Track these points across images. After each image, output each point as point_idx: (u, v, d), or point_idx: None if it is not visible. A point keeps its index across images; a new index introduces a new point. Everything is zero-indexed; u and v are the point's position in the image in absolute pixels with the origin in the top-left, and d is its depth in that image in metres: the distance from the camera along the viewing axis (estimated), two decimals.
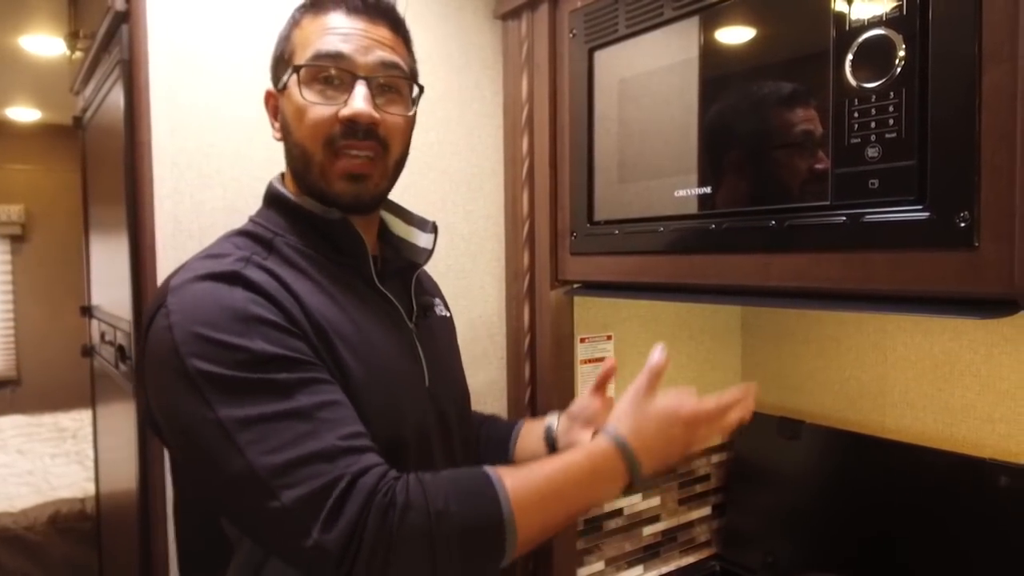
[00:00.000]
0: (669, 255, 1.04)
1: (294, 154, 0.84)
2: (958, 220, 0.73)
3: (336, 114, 0.80)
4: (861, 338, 1.35)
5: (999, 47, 0.70)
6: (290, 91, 0.82)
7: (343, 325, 0.79)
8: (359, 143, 0.81)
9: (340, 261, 0.85)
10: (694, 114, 0.99)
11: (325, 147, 0.81)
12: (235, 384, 0.69)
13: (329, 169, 0.82)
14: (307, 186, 0.84)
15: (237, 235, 0.84)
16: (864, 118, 0.79)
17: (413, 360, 0.89)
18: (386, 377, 0.82)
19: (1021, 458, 1.11)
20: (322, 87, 0.81)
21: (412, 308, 0.93)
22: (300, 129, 0.81)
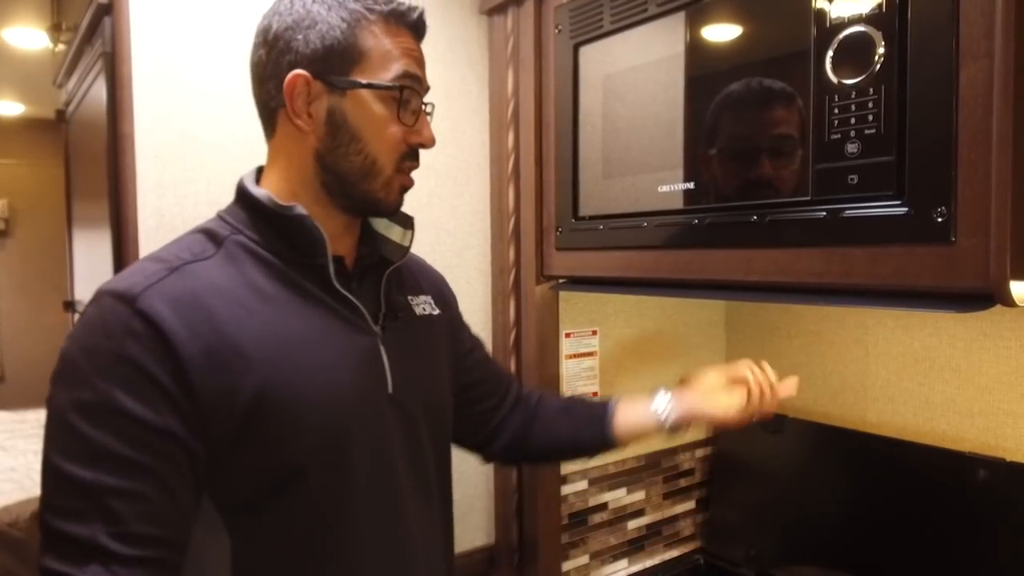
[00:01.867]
0: (653, 250, 1.05)
1: (354, 160, 0.81)
2: (935, 215, 0.74)
3: (407, 135, 0.83)
4: (843, 333, 1.36)
5: (975, 44, 0.71)
6: (365, 99, 0.80)
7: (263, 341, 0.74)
8: (416, 163, 0.86)
9: (298, 261, 0.81)
10: (678, 110, 0.99)
11: (396, 163, 0.83)
12: (70, 428, 0.67)
13: (394, 183, 0.83)
14: (360, 192, 0.82)
15: (197, 232, 0.81)
16: (844, 114, 0.80)
17: (371, 367, 0.84)
18: (320, 392, 0.77)
19: (999, 452, 1.13)
20: (396, 105, 0.81)
21: (381, 308, 0.88)
22: (376, 142, 0.81)
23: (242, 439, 0.72)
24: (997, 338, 1.15)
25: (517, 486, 1.34)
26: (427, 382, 0.93)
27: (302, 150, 0.81)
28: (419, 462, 0.88)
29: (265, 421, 0.72)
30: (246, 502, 0.74)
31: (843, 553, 1.29)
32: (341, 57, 0.79)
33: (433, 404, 0.93)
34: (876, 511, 1.24)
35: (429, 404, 0.92)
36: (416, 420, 0.88)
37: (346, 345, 0.82)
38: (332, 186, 0.82)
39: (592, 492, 1.39)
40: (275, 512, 0.75)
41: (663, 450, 1.49)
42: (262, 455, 0.73)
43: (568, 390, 1.33)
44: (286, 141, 0.82)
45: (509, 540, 1.36)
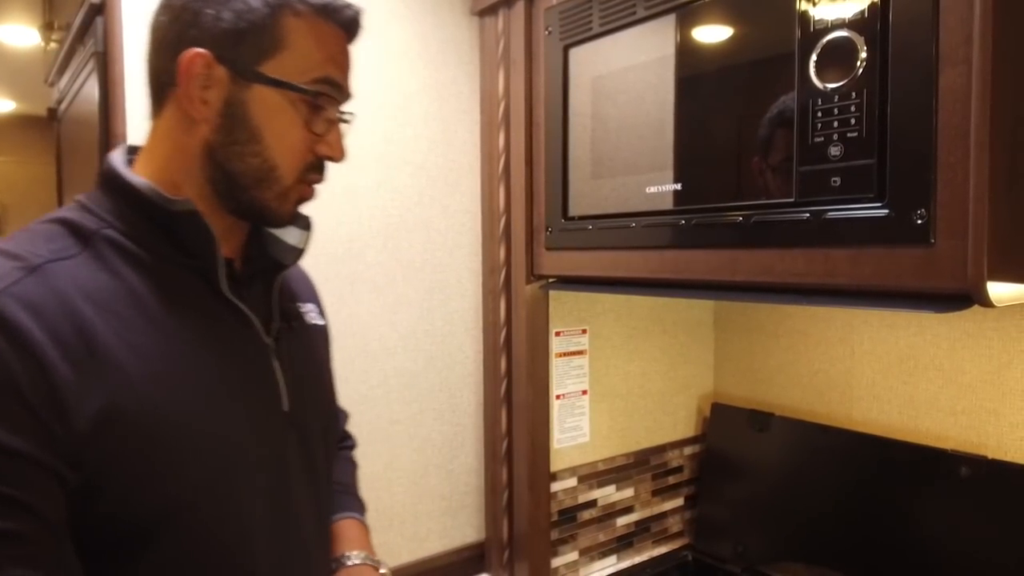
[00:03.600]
0: (641, 250, 1.06)
1: (250, 162, 0.71)
2: (915, 217, 0.75)
3: (315, 144, 0.73)
4: (829, 333, 1.38)
5: (955, 50, 0.72)
6: (272, 97, 0.70)
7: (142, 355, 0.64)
8: (321, 176, 0.76)
9: (180, 263, 0.70)
10: (665, 112, 1.01)
11: (298, 173, 0.73)
12: None
13: (291, 194, 0.74)
14: (251, 198, 0.72)
15: (54, 222, 0.68)
16: (827, 117, 0.81)
17: (263, 383, 0.75)
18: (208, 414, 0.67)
19: (981, 449, 1.15)
20: (308, 111, 0.72)
21: (272, 318, 0.79)
22: (278, 146, 0.71)
23: (119, 469, 0.61)
24: (980, 337, 1.16)
25: (507, 483, 1.35)
26: (322, 398, 0.85)
27: (191, 140, 0.71)
28: (315, 486, 0.80)
29: (147, 447, 0.62)
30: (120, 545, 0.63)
31: (829, 549, 1.30)
32: (255, 44, 0.69)
33: (328, 422, 0.86)
34: (861, 507, 1.26)
35: (325, 422, 0.84)
36: (313, 441, 0.80)
37: (236, 359, 0.73)
38: (220, 185, 0.72)
39: (581, 489, 1.40)
40: (156, 555, 0.64)
41: (652, 447, 1.51)
42: (142, 487, 0.62)
43: (558, 388, 1.34)
44: (174, 126, 0.72)
45: (499, 536, 1.37)
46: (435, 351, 1.36)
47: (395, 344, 1.31)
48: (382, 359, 1.29)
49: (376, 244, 1.28)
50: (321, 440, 0.82)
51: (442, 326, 1.37)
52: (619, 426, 1.45)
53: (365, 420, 1.27)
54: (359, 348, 1.26)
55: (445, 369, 1.37)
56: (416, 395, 1.34)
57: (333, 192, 1.22)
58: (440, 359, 1.37)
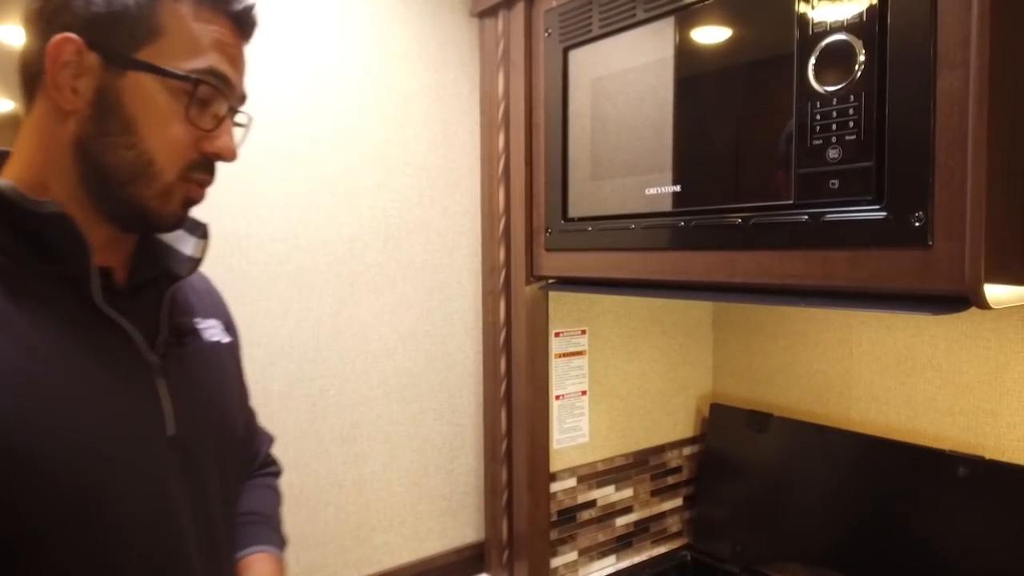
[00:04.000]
0: (640, 252, 1.07)
1: (123, 155, 0.65)
2: (913, 220, 0.76)
3: (200, 141, 0.68)
4: (828, 333, 1.38)
5: (952, 53, 0.73)
6: (149, 85, 0.65)
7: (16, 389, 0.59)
8: (210, 178, 0.72)
9: (47, 272, 0.65)
10: (664, 114, 1.01)
11: (181, 170, 0.68)
12: None
13: (175, 192, 0.69)
14: (128, 196, 0.67)
15: None
16: (826, 120, 0.82)
17: (143, 405, 0.68)
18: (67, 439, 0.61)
19: (979, 450, 1.15)
20: (192, 103, 0.67)
21: (160, 333, 0.72)
22: (155, 139, 0.66)
23: None
24: (977, 339, 1.17)
25: (507, 483, 1.36)
26: (218, 420, 0.78)
27: (61, 133, 0.65)
28: (205, 516, 0.74)
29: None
30: None
31: (827, 549, 1.31)
32: (130, 30, 0.64)
33: (226, 447, 0.79)
34: (859, 507, 1.27)
35: (221, 447, 0.78)
36: (204, 467, 0.74)
37: (108, 378, 0.66)
38: (93, 183, 0.66)
39: (581, 489, 1.40)
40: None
41: (651, 448, 1.51)
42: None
43: (558, 389, 1.35)
44: (42, 119, 0.66)
45: (499, 536, 1.38)
46: (435, 352, 1.36)
47: (395, 345, 1.31)
48: (382, 360, 1.30)
49: (376, 245, 1.28)
50: (215, 467, 0.75)
51: (442, 327, 1.37)
52: (618, 426, 1.46)
53: (365, 420, 1.28)
54: (359, 349, 1.27)
55: (445, 370, 1.38)
56: (416, 395, 1.35)
57: (334, 193, 1.23)
58: (440, 360, 1.37)
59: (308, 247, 1.20)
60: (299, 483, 1.20)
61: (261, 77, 1.14)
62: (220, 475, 0.76)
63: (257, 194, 1.15)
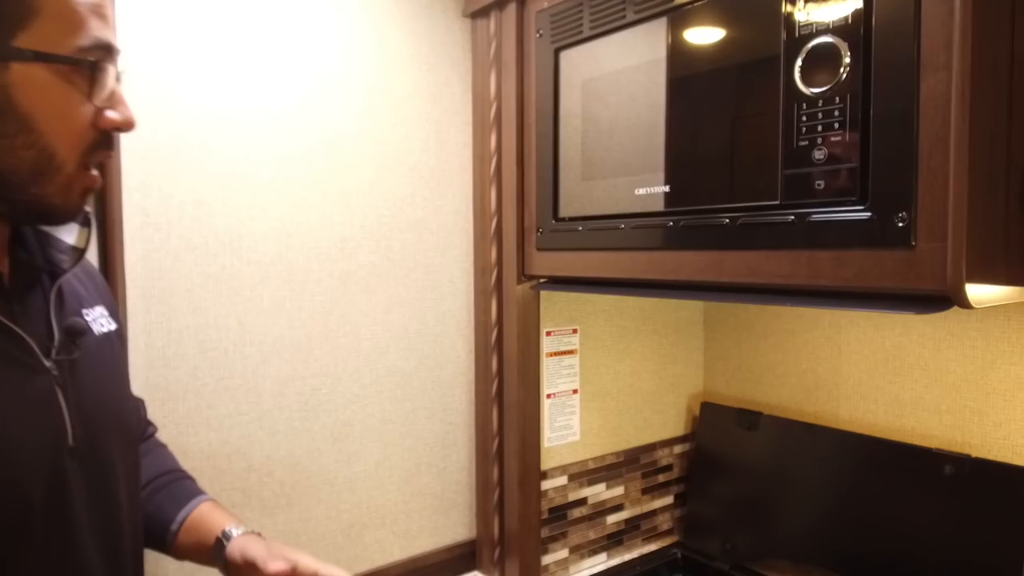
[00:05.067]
0: (630, 251, 1.08)
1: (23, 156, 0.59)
2: (897, 220, 0.77)
3: (96, 119, 0.63)
4: (817, 333, 1.39)
5: (935, 56, 0.74)
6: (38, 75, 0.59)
7: None
8: (110, 152, 0.65)
9: None
10: (654, 114, 1.02)
11: (80, 157, 0.63)
12: None
13: (74, 184, 0.63)
14: (29, 196, 0.61)
15: None
16: (811, 121, 0.83)
17: (45, 417, 0.65)
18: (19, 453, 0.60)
19: (965, 448, 1.16)
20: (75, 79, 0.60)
21: (53, 336, 0.67)
22: (56, 132, 0.60)
23: None
24: (964, 338, 1.18)
25: (498, 481, 1.37)
26: (119, 423, 0.74)
27: None
28: (111, 527, 0.71)
29: None
30: None
31: (816, 546, 1.32)
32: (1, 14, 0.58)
33: (128, 450, 0.76)
34: (847, 505, 1.28)
35: (125, 451, 0.74)
36: (108, 475, 0.70)
37: (11, 392, 0.62)
38: (16, 194, 0.61)
39: (572, 487, 1.41)
40: None
41: (642, 446, 1.52)
42: None
43: (549, 387, 1.36)
44: None
45: (490, 534, 1.39)
46: (427, 350, 1.37)
47: (387, 343, 1.32)
48: (374, 358, 1.30)
49: (368, 244, 1.29)
50: (123, 472, 0.73)
51: (434, 326, 1.38)
52: (609, 425, 1.46)
53: (358, 419, 1.28)
54: (351, 348, 1.27)
55: (437, 368, 1.39)
56: (408, 394, 1.35)
57: (326, 192, 1.23)
58: (432, 358, 1.38)
59: (300, 246, 1.21)
60: (291, 481, 1.21)
61: (253, 77, 1.15)
62: (126, 481, 0.73)
63: (249, 193, 1.16)
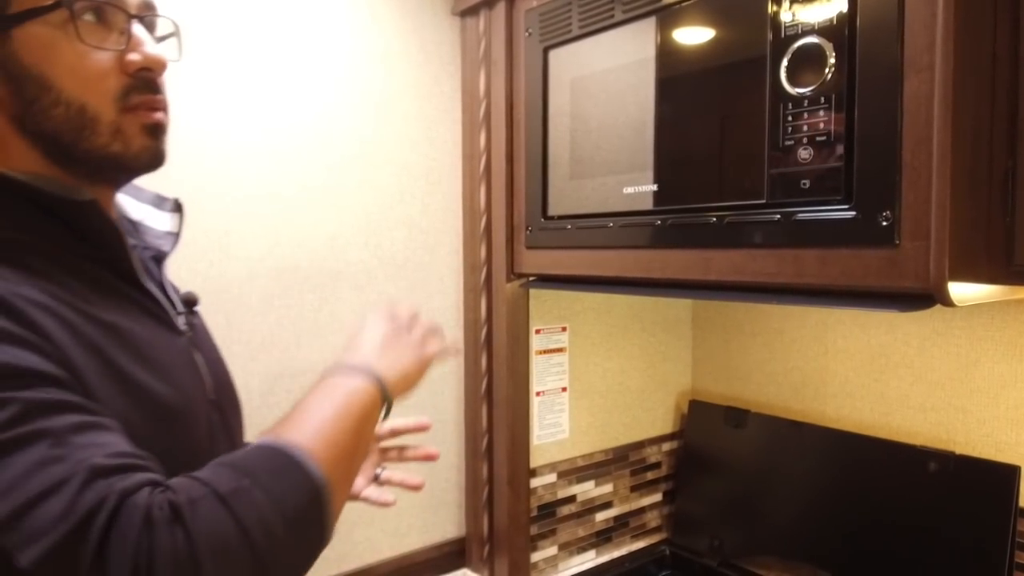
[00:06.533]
0: (618, 250, 1.08)
1: (56, 114, 0.62)
2: (881, 219, 0.77)
3: (121, 65, 0.64)
4: (804, 331, 1.40)
5: (918, 57, 0.75)
6: (37, 33, 0.61)
7: (124, 357, 0.61)
8: (154, 96, 0.67)
9: (88, 256, 0.65)
10: (642, 114, 1.02)
11: (115, 102, 0.64)
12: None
13: (126, 127, 0.65)
14: (84, 152, 0.64)
15: None
16: (797, 121, 0.83)
17: (193, 372, 0.72)
18: (170, 402, 0.65)
19: (950, 445, 1.18)
20: (72, 28, 0.62)
21: (175, 307, 0.74)
22: (73, 83, 0.62)
23: None
24: (949, 336, 1.19)
25: (487, 479, 1.37)
26: (231, 382, 0.82)
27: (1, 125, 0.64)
28: None
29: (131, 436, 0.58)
30: None
31: (803, 542, 1.33)
32: None
33: (237, 410, 0.82)
34: (834, 502, 1.29)
35: (237, 406, 0.82)
36: (233, 429, 0.78)
37: (173, 348, 0.70)
38: (54, 155, 0.64)
39: (561, 485, 1.42)
40: None
41: (630, 444, 1.53)
42: None
43: (538, 385, 1.36)
44: None
45: (479, 532, 1.39)
46: None
47: None
48: None
49: (358, 242, 1.29)
50: (239, 431, 0.80)
51: None
52: (598, 422, 1.47)
53: None
54: (340, 345, 1.27)
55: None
56: None
57: (315, 190, 1.23)
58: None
59: (290, 244, 1.21)
60: None
61: (241, 75, 1.15)
62: (239, 428, 0.81)
63: (239, 191, 1.16)
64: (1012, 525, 1.07)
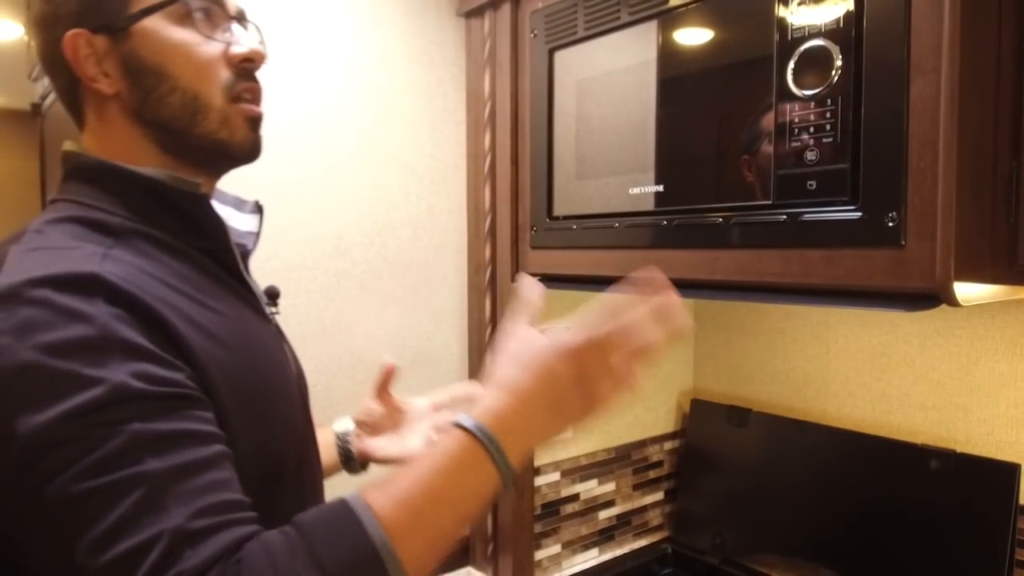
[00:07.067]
0: (623, 250, 1.09)
1: (171, 102, 0.69)
2: (887, 220, 0.78)
3: (224, 54, 0.71)
4: (805, 330, 1.41)
5: (924, 60, 0.76)
6: (152, 28, 0.68)
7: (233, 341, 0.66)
8: (254, 85, 0.74)
9: (197, 247, 0.70)
10: (648, 115, 1.03)
11: (223, 91, 0.71)
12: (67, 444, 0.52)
13: (232, 116, 0.72)
14: (196, 138, 0.70)
15: (65, 222, 0.65)
16: (804, 123, 0.84)
17: (284, 357, 0.78)
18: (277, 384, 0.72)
19: (950, 443, 1.19)
20: (195, 17, 0.70)
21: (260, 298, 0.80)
22: (186, 72, 0.69)
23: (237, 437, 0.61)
24: (949, 336, 1.20)
25: None
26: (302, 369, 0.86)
27: (118, 118, 0.70)
28: (317, 455, 0.83)
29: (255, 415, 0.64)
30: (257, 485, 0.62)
31: (805, 540, 1.34)
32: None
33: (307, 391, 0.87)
34: (835, 500, 1.30)
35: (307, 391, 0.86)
36: (308, 409, 0.83)
37: (268, 335, 0.76)
38: (168, 144, 0.70)
39: (564, 483, 1.43)
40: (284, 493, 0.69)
41: (633, 443, 1.54)
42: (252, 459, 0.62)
43: None
44: (99, 117, 0.71)
45: (483, 530, 1.40)
46: (421, 348, 1.38)
47: (381, 341, 1.32)
48: (368, 356, 1.31)
49: (363, 242, 1.29)
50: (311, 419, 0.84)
51: (428, 323, 1.39)
52: (601, 421, 1.47)
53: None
54: (345, 345, 1.28)
55: (431, 366, 1.39)
56: (402, 391, 1.35)
57: (320, 190, 1.24)
58: (426, 356, 1.39)
59: (295, 243, 1.21)
60: None
61: None
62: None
63: (244, 191, 1.16)
64: (1012, 522, 1.08)
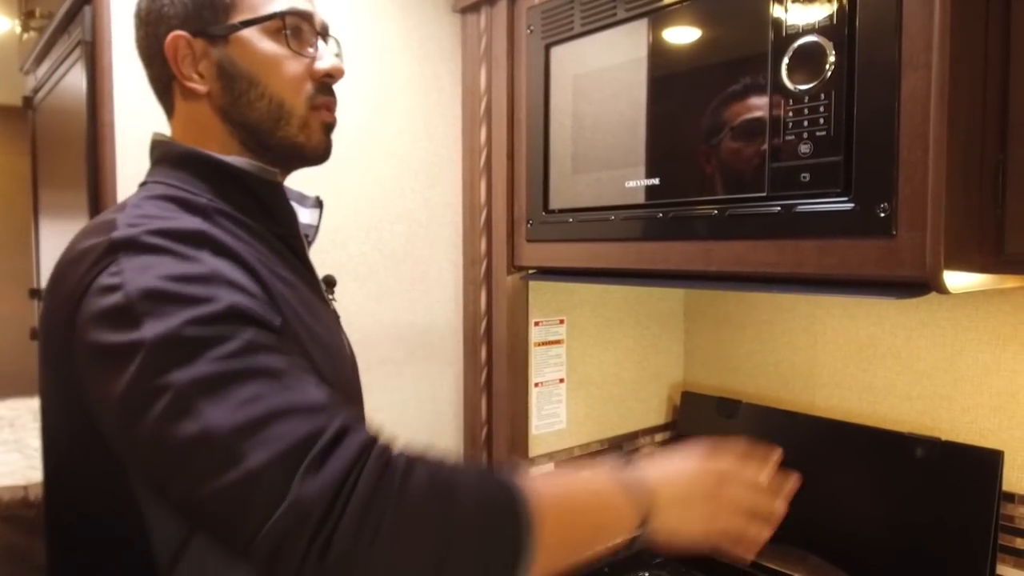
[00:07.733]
0: (619, 242, 1.11)
1: (259, 107, 0.77)
2: (879, 211, 0.81)
3: (309, 68, 0.79)
4: (794, 323, 1.44)
5: (916, 55, 0.78)
6: (249, 39, 0.76)
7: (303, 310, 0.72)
8: (332, 98, 0.82)
9: (275, 231, 0.77)
10: (643, 110, 1.05)
11: (306, 101, 0.79)
12: (193, 341, 0.57)
13: (311, 122, 0.79)
14: (278, 140, 0.78)
15: (159, 199, 0.71)
16: (798, 117, 0.87)
17: (342, 340, 0.85)
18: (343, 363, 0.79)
19: (935, 432, 1.22)
20: (288, 36, 0.77)
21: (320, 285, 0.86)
22: (276, 82, 0.77)
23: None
24: (934, 327, 1.23)
25: None
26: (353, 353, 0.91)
27: (207, 114, 0.77)
28: None
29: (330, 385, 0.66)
30: None
31: (793, 528, 1.36)
32: (212, 7, 0.76)
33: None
34: (823, 488, 1.32)
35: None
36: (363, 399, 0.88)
37: (329, 316, 0.83)
38: (249, 142, 0.78)
39: None
40: None
41: (625, 434, 1.56)
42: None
43: (537, 376, 1.39)
44: (189, 111, 0.79)
45: None
46: (417, 341, 1.39)
47: (378, 334, 1.34)
48: (365, 348, 1.31)
49: (359, 235, 1.30)
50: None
51: (424, 316, 1.40)
52: (594, 413, 1.50)
53: None
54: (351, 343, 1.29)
55: (426, 358, 1.41)
56: (398, 384, 1.37)
57: (317, 183, 1.24)
58: (422, 348, 1.40)
59: None
60: None
61: None
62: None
63: None
64: (995, 508, 1.11)
